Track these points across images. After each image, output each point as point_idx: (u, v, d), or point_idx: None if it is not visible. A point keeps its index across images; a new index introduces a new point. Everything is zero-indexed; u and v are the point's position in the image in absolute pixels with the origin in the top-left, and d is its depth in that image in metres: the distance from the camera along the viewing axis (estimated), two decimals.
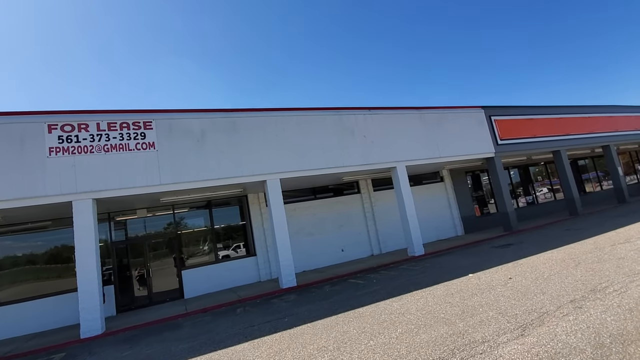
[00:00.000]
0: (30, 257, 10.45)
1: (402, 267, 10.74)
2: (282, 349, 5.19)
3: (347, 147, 12.01)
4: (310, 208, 14.10)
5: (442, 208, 17.01)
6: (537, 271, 7.18)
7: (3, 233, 10.12)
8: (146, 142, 9.29)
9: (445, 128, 14.30)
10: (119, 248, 11.28)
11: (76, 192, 8.47)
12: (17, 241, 10.42)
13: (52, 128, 8.54)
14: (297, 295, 9.10)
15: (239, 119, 10.66)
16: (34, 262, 10.47)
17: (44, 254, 10.62)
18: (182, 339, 6.73)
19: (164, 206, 11.73)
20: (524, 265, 8.02)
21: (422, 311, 5.85)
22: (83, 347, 7.32)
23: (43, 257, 10.56)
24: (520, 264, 8.18)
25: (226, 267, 12.13)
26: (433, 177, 17.58)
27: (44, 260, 10.57)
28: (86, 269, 8.26)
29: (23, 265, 10.31)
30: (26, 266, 10.34)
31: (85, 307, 8.07)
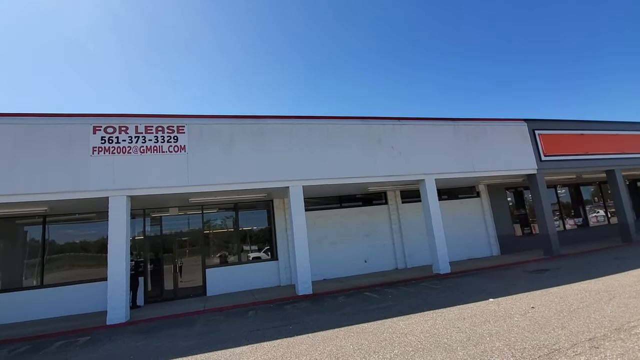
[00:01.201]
0: (74, 246, 11.53)
1: (423, 285, 10.32)
2: (275, 356, 5.23)
3: (373, 157, 11.85)
4: (335, 216, 14.06)
5: (476, 225, 16.11)
6: (564, 302, 6.55)
7: (50, 222, 11.27)
8: (178, 145, 9.89)
9: (481, 141, 13.59)
10: (151, 242, 12.05)
11: (113, 188, 9.23)
12: (63, 230, 11.55)
13: (97, 129, 9.40)
14: (310, 304, 9.10)
15: (267, 125, 10.97)
16: (77, 250, 11.52)
17: (86, 243, 11.66)
18: (190, 335, 7.01)
19: (194, 206, 12.35)
20: (553, 294, 7.35)
21: (426, 334, 5.58)
22: (106, 333, 7.90)
23: (85, 246, 11.60)
24: (550, 293, 7.52)
25: (248, 269, 12.45)
26: (468, 192, 16.74)
27: (85, 249, 11.60)
28: (116, 260, 8.93)
29: (67, 252, 11.39)
30: (69, 253, 11.40)
31: (113, 295, 8.73)
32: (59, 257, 11.27)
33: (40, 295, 10.49)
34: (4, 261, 11.05)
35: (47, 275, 10.87)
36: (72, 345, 7.11)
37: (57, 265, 11.15)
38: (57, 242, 11.39)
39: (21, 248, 11.27)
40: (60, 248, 11.37)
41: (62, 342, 7.41)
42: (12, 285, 10.76)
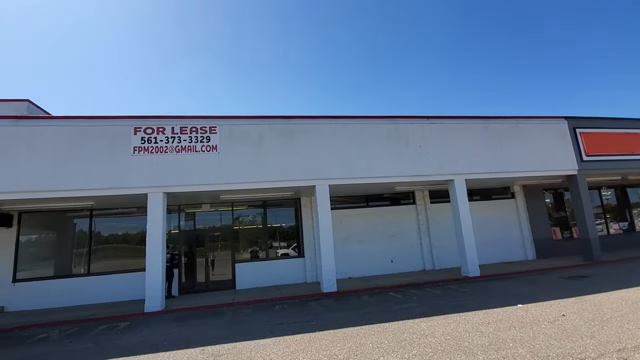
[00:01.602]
0: (117, 237, 12.45)
1: (450, 287, 10.15)
2: (297, 350, 5.44)
3: (400, 156, 11.77)
4: (361, 215, 14.11)
5: (510, 228, 15.50)
6: (598, 311, 6.25)
7: (96, 215, 12.23)
8: (210, 145, 10.38)
9: (515, 140, 13.05)
10: (186, 237, 12.75)
11: (151, 185, 9.88)
12: (107, 223, 12.50)
13: (137, 130, 10.09)
14: (334, 301, 9.26)
15: (294, 125, 11.23)
16: (119, 242, 12.44)
17: (127, 235, 12.56)
18: (219, 325, 7.41)
19: (224, 203, 12.89)
20: (587, 302, 7.02)
21: (447, 336, 5.56)
22: (144, 320, 8.52)
23: (126, 238, 12.50)
24: (584, 301, 7.18)
25: (275, 265, 12.82)
26: (502, 193, 16.13)
27: (127, 241, 12.49)
28: (153, 253, 9.58)
29: (111, 243, 12.32)
30: (113, 244, 12.33)
31: (150, 285, 9.37)
32: (103, 247, 12.23)
33: (87, 283, 11.45)
34: (56, 250, 12.16)
35: (93, 264, 11.84)
36: (114, 329, 7.75)
37: (102, 255, 12.10)
38: (102, 234, 12.37)
39: (71, 239, 12.34)
40: (105, 239, 12.34)
41: (106, 326, 8.10)
42: (63, 273, 11.82)
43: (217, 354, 5.51)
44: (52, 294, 11.14)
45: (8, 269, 11.13)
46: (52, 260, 12.00)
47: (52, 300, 11.05)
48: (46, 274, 11.63)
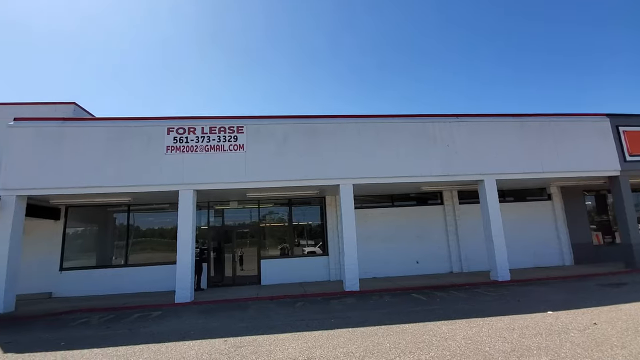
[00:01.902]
0: (152, 232, 13.20)
1: (476, 291, 9.86)
2: (314, 345, 5.55)
3: (427, 156, 11.56)
4: (386, 215, 13.99)
5: (545, 231, 14.75)
6: (633, 321, 5.88)
7: (133, 210, 13.01)
8: (237, 144, 10.74)
9: (552, 139, 12.41)
10: (214, 232, 13.26)
11: (182, 183, 10.38)
12: (143, 218, 13.27)
13: (170, 130, 10.63)
14: (355, 300, 9.29)
15: (318, 125, 11.35)
16: (154, 236, 13.17)
17: (162, 229, 13.27)
18: (243, 319, 7.69)
19: (251, 200, 13.27)
20: (624, 311, 6.60)
21: (467, 340, 5.45)
22: (174, 310, 9.00)
23: (160, 232, 13.21)
24: (619, 310, 6.76)
25: (300, 262, 13.03)
26: (538, 194, 15.39)
27: (161, 235, 13.19)
28: (183, 247, 10.08)
29: (147, 237, 13.08)
30: (148, 238, 13.08)
31: (180, 278, 9.87)
32: (140, 241, 13.02)
33: (125, 273, 12.24)
34: (98, 242, 13.09)
35: (130, 256, 12.63)
36: (146, 318, 8.26)
37: (139, 248, 12.89)
38: (139, 228, 13.17)
39: (111, 232, 13.22)
40: (141, 233, 13.13)
41: (139, 314, 8.64)
42: (104, 263, 12.71)
43: (239, 345, 5.74)
44: (94, 282, 12.01)
45: (56, 259, 12.12)
46: (94, 251, 12.94)
47: (93, 288, 11.91)
48: (89, 264, 12.56)
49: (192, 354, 5.42)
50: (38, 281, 11.75)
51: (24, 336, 7.14)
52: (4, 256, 9.50)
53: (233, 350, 5.50)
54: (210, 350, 5.55)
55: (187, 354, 5.42)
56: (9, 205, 9.76)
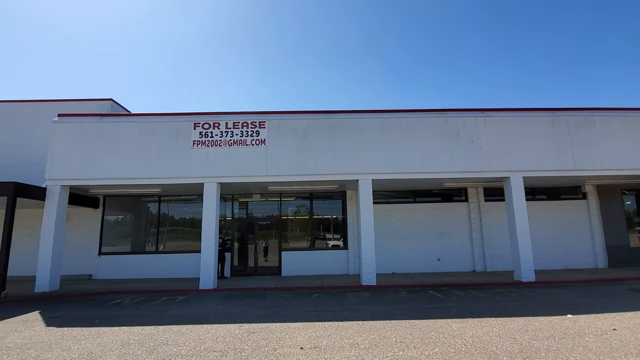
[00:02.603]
0: (180, 221, 13.95)
1: (496, 291, 9.64)
2: (323, 335, 5.76)
3: (449, 152, 11.33)
4: (408, 211, 13.88)
5: (578, 232, 14.02)
6: None
7: (163, 201, 13.79)
8: (259, 139, 11.07)
9: (588, 134, 11.73)
10: (238, 224, 13.79)
11: (207, 176, 10.89)
12: (173, 208, 14.03)
13: (196, 125, 11.14)
14: (371, 294, 9.40)
15: (339, 120, 11.43)
16: (182, 225, 13.91)
17: (190, 219, 13.98)
18: (260, 307, 8.05)
19: (273, 194, 13.63)
20: None
21: (475, 339, 5.44)
22: (198, 296, 9.56)
23: (188, 222, 13.93)
24: None
25: (319, 255, 13.28)
26: (572, 193, 14.62)
27: (190, 225, 13.91)
28: (207, 237, 10.62)
29: (175, 226, 13.84)
30: (178, 227, 13.84)
31: (204, 265, 10.43)
32: (170, 229, 13.82)
33: (155, 259, 13.07)
34: (132, 230, 14.03)
35: (160, 244, 13.45)
36: (172, 301, 8.85)
37: (168, 237, 13.70)
38: (169, 218, 13.95)
39: (144, 221, 14.11)
40: (171, 222, 13.91)
41: (166, 298, 9.27)
42: (138, 249, 13.61)
43: (252, 331, 6.07)
44: (128, 266, 12.94)
45: (95, 244, 13.16)
46: (129, 238, 13.89)
47: (127, 272, 12.83)
48: (124, 250, 13.51)
49: (208, 337, 5.80)
50: (80, 264, 12.83)
51: (66, 312, 7.91)
52: (50, 240, 10.48)
53: (246, 335, 5.83)
54: (226, 334, 5.92)
55: (204, 336, 5.82)
56: (54, 194, 10.71)
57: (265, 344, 5.40)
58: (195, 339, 5.67)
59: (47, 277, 10.33)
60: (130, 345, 5.45)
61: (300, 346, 5.26)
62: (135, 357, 4.90)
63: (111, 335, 6.03)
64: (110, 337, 5.91)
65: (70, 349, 5.32)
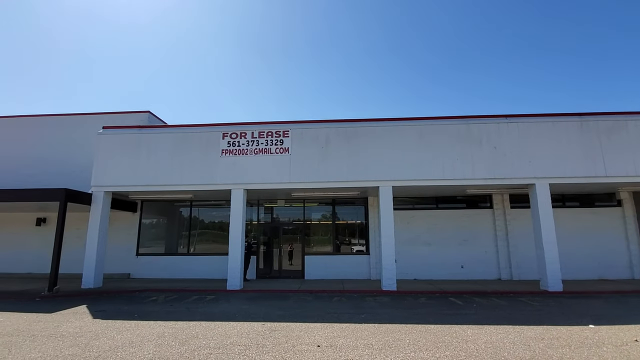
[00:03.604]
0: (210, 225, 14.74)
1: (519, 300, 9.52)
2: (339, 335, 6.08)
3: (471, 158, 11.33)
4: (430, 217, 13.90)
5: (613, 240, 13.44)
6: None
7: (195, 205, 14.65)
8: (283, 148, 11.61)
9: (620, 139, 11.32)
10: (263, 228, 14.38)
11: (234, 182, 11.56)
12: (205, 212, 14.87)
13: (225, 135, 11.87)
14: (390, 299, 9.58)
15: (360, 128, 11.76)
16: (212, 228, 14.70)
17: (220, 223, 14.74)
18: (282, 307, 8.48)
19: (297, 199, 14.12)
20: None
21: (488, 345, 5.56)
22: (225, 296, 10.16)
23: (218, 226, 14.70)
24: None
25: (342, 260, 13.58)
26: (606, 200, 14.04)
27: (219, 228, 14.67)
28: (234, 240, 11.25)
29: (205, 229, 14.65)
30: (208, 230, 14.64)
31: (232, 267, 11.05)
32: (201, 232, 14.65)
33: (187, 261, 13.91)
34: (167, 233, 14.99)
35: (192, 246, 14.29)
36: (202, 300, 9.49)
37: (199, 239, 14.53)
38: (200, 222, 14.80)
39: (177, 224, 15.05)
40: (202, 226, 14.74)
41: (196, 297, 9.93)
42: (171, 251, 14.53)
43: (274, 329, 6.50)
44: (163, 267, 13.86)
45: (133, 245, 14.21)
46: (163, 240, 14.86)
47: (162, 272, 13.74)
48: (159, 251, 14.47)
49: (234, 332, 6.29)
50: (120, 263, 13.90)
51: (109, 307, 8.73)
52: (95, 241, 11.53)
53: (268, 333, 6.27)
54: (250, 331, 6.39)
55: (230, 332, 6.31)
56: (99, 199, 11.77)
57: (285, 340, 5.80)
58: (222, 334, 6.17)
59: (92, 275, 11.35)
60: (165, 337, 6.03)
61: (317, 344, 5.61)
62: (170, 347, 5.46)
63: (148, 328, 6.67)
64: (148, 329, 6.55)
65: (114, 338, 5.98)
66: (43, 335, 6.24)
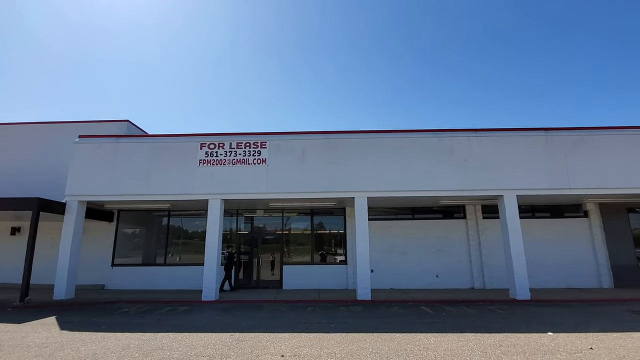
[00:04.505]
0: (188, 234, 14.66)
1: (488, 308, 9.79)
2: (305, 345, 6.18)
3: (444, 170, 11.70)
4: (406, 227, 14.17)
5: (580, 250, 13.95)
6: (638, 351, 5.72)
7: (173, 216, 14.58)
8: (260, 159, 11.76)
9: (584, 153, 11.88)
10: (242, 238, 14.38)
11: (211, 193, 11.60)
12: (182, 222, 14.79)
13: (203, 146, 11.95)
14: (363, 309, 9.72)
15: (337, 140, 12.02)
16: (190, 238, 14.61)
17: (197, 233, 14.67)
18: (254, 318, 8.51)
19: (276, 210, 14.21)
20: (634, 339, 6.40)
21: (448, 352, 5.75)
22: (199, 307, 10.11)
23: (196, 236, 14.62)
24: (631, 337, 6.55)
25: (320, 270, 13.67)
26: (574, 211, 14.60)
27: (196, 238, 14.59)
28: (210, 250, 11.25)
29: (184, 239, 14.55)
30: (185, 240, 14.55)
31: (207, 278, 11.02)
32: (177, 243, 14.53)
33: (164, 271, 13.77)
34: (144, 243, 14.81)
35: (169, 257, 14.16)
36: (174, 311, 9.42)
37: (176, 250, 14.40)
38: (177, 231, 14.70)
39: (155, 234, 14.90)
40: (179, 236, 14.64)
41: (169, 308, 9.86)
42: (149, 261, 14.37)
43: (241, 340, 6.54)
44: (139, 277, 13.66)
45: (108, 256, 13.99)
46: (140, 250, 14.68)
47: (138, 283, 13.54)
48: (135, 262, 14.28)
49: (201, 343, 6.31)
50: (94, 274, 13.64)
51: (78, 318, 8.61)
52: (67, 252, 11.33)
53: (235, 343, 6.31)
54: (217, 342, 6.42)
55: (197, 343, 6.33)
56: (73, 209, 11.62)
57: (250, 351, 5.86)
58: (188, 345, 6.19)
59: (64, 286, 11.12)
60: (129, 348, 6.01)
61: (281, 354, 5.69)
62: (132, 359, 5.46)
63: (114, 339, 6.62)
64: (114, 341, 6.51)
65: (78, 350, 5.93)
66: (9, 346, 6.21)
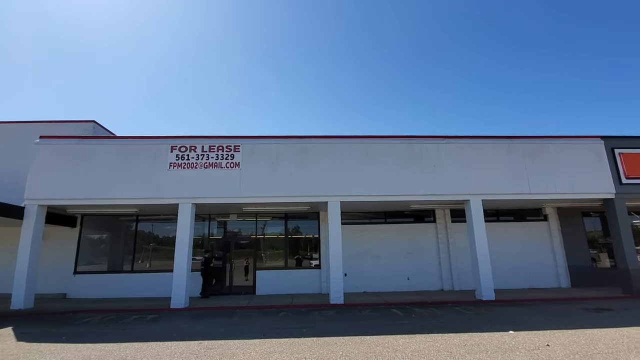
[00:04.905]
0: (157, 240, 14.23)
1: (455, 309, 10.13)
2: (275, 351, 6.15)
3: (414, 176, 12.03)
4: (379, 231, 14.43)
5: (541, 252, 14.75)
6: (590, 346, 6.12)
7: (141, 220, 14.11)
8: (233, 162, 11.63)
9: (542, 161, 12.60)
10: (216, 243, 14.11)
11: (182, 197, 11.34)
12: (151, 227, 14.34)
13: (173, 148, 11.68)
14: (336, 313, 9.79)
15: (310, 144, 12.10)
16: (160, 244, 14.17)
17: (167, 239, 14.25)
18: (226, 325, 8.37)
19: (249, 214, 14.08)
20: (586, 336, 6.82)
21: (415, 353, 5.90)
22: (167, 315, 9.81)
23: (166, 241, 14.20)
24: (584, 334, 6.96)
25: (293, 274, 13.64)
26: (535, 214, 15.41)
27: (166, 244, 14.17)
28: (180, 256, 10.98)
29: (153, 245, 14.09)
30: (155, 246, 14.10)
31: (176, 285, 10.73)
32: (146, 248, 14.06)
33: (131, 279, 13.25)
34: (109, 249, 14.23)
35: (136, 263, 13.66)
36: (142, 320, 9.09)
37: (145, 256, 13.93)
38: (145, 237, 14.22)
39: (122, 240, 14.34)
40: (148, 241, 14.17)
41: (136, 317, 9.50)
42: (114, 268, 13.79)
43: (210, 347, 6.42)
44: (104, 285, 13.08)
45: (71, 263, 13.31)
46: (106, 257, 14.07)
47: (103, 291, 12.96)
48: (100, 269, 13.67)
49: (167, 353, 6.14)
50: (55, 282, 12.93)
51: (36, 329, 8.13)
52: (26, 259, 10.69)
53: (203, 352, 6.19)
54: (184, 350, 6.26)
55: (163, 353, 6.15)
56: (32, 213, 10.99)
57: (219, 358, 5.77)
58: (153, 355, 6.00)
59: (22, 295, 10.48)
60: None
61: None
62: None
63: (75, 351, 6.32)
64: (74, 352, 6.21)
65: None
66: None
